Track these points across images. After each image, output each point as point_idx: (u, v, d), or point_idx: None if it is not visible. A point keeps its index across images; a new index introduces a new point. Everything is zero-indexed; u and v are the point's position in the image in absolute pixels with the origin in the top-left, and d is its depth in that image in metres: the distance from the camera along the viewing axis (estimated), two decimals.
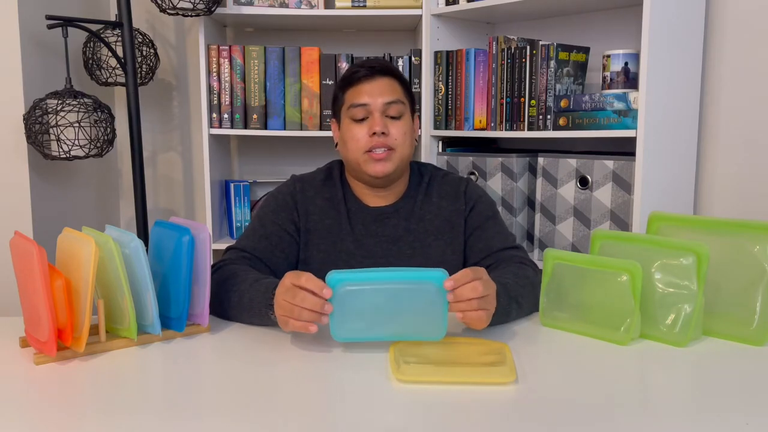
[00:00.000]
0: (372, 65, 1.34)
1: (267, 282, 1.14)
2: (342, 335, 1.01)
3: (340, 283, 0.99)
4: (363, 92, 1.32)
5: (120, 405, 0.84)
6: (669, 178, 1.75)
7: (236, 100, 2.15)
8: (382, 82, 1.33)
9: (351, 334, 1.02)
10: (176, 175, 2.50)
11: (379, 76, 1.33)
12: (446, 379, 0.91)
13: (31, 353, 1.04)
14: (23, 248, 0.99)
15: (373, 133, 1.29)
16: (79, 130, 1.75)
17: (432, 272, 0.99)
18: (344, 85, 1.36)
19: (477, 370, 0.93)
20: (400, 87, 1.35)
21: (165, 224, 1.14)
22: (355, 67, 1.35)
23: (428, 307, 0.99)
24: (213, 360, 1.01)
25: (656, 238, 1.12)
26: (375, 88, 1.32)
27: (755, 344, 1.07)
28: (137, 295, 1.06)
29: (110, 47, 1.89)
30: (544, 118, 1.85)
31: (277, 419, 0.80)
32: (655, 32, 1.63)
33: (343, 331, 1.01)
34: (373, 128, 1.29)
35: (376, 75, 1.33)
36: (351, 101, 1.33)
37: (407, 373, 0.91)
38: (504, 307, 1.13)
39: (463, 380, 0.91)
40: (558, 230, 1.86)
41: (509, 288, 1.17)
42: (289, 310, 1.00)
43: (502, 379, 0.90)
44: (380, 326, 1.01)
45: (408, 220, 1.37)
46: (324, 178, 1.41)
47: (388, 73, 1.34)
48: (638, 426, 0.78)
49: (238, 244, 1.33)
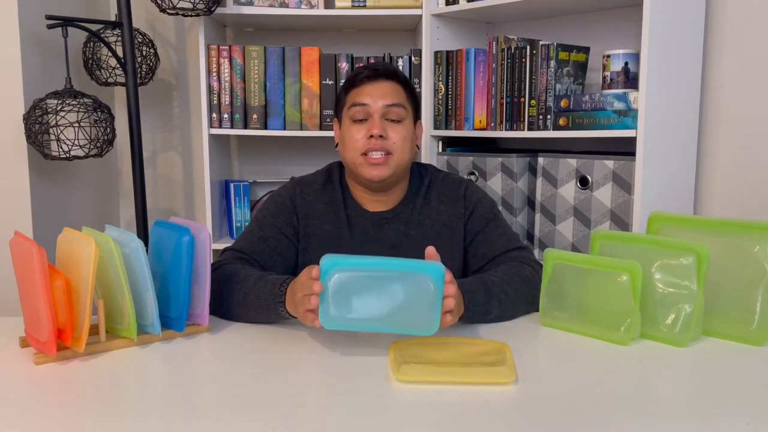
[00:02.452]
0: (376, 67, 1.33)
1: (273, 278, 1.14)
2: (330, 322, 0.97)
3: (333, 267, 0.97)
4: (364, 93, 1.31)
5: (120, 405, 0.84)
6: (669, 178, 1.75)
7: (236, 100, 2.15)
8: (385, 84, 1.32)
9: (340, 322, 0.97)
10: (176, 175, 2.50)
11: (383, 79, 1.32)
12: (446, 379, 0.91)
13: (31, 353, 1.04)
14: (23, 248, 0.99)
15: (371, 135, 1.29)
16: (79, 130, 1.75)
17: (429, 265, 0.98)
18: (347, 86, 1.36)
19: (477, 371, 0.92)
20: (404, 91, 1.34)
21: (165, 224, 1.14)
22: (359, 69, 1.35)
23: (421, 300, 0.97)
24: (213, 360, 1.01)
25: (656, 238, 1.12)
26: (377, 89, 1.31)
27: (755, 344, 1.07)
28: (137, 295, 1.06)
29: (110, 47, 1.89)
30: (544, 118, 1.85)
31: (277, 419, 0.80)
32: (655, 32, 1.63)
33: (332, 319, 0.97)
34: (371, 130, 1.29)
35: (379, 77, 1.32)
36: (352, 101, 1.32)
37: (407, 374, 0.91)
38: (481, 305, 1.14)
39: (463, 380, 0.91)
40: (558, 230, 1.86)
41: (489, 285, 1.17)
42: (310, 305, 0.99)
43: (502, 379, 0.90)
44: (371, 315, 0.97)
45: (407, 226, 1.37)
46: (324, 181, 1.40)
47: (391, 77, 1.33)
48: (638, 426, 0.78)
49: (236, 246, 1.33)
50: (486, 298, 1.15)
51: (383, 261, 0.98)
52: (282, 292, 1.10)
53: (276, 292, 1.11)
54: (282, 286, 1.11)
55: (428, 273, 0.97)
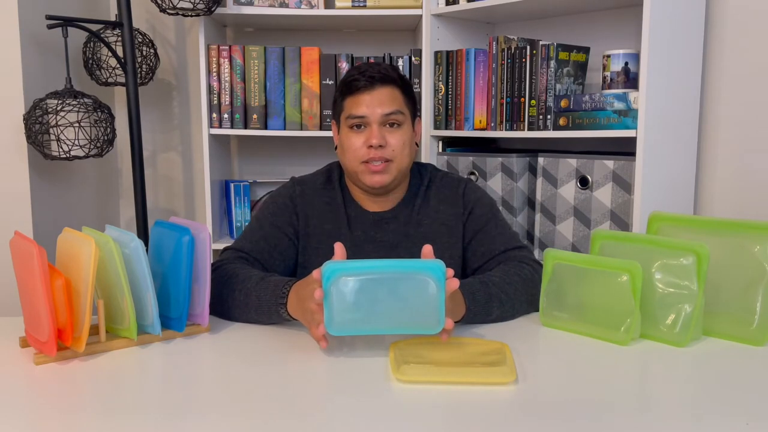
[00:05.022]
0: (372, 74, 1.30)
1: (275, 280, 1.14)
2: (337, 329, 0.98)
3: (335, 273, 0.97)
4: (361, 103, 1.29)
5: (120, 405, 0.84)
6: (669, 178, 1.75)
7: (236, 100, 2.15)
8: (382, 92, 1.30)
9: (346, 327, 0.98)
10: (176, 175, 2.50)
11: (379, 86, 1.30)
12: (446, 379, 0.91)
13: (31, 353, 1.04)
14: (23, 248, 0.99)
15: (370, 145, 1.28)
16: (79, 130, 1.75)
17: (429, 263, 0.98)
18: (344, 91, 1.33)
19: (477, 371, 0.92)
20: (401, 95, 1.32)
21: (165, 224, 1.14)
22: (355, 74, 1.31)
23: (425, 299, 0.97)
24: (213, 360, 1.01)
25: (656, 238, 1.12)
26: (374, 99, 1.29)
27: (755, 344, 1.07)
28: (137, 295, 1.06)
29: (110, 47, 1.89)
30: (544, 118, 1.85)
31: (277, 419, 0.80)
32: (655, 32, 1.63)
33: (338, 325, 0.97)
34: (370, 140, 1.28)
35: (376, 85, 1.29)
36: (349, 111, 1.31)
37: (407, 374, 0.91)
38: (482, 306, 1.14)
39: (463, 380, 0.91)
40: (558, 230, 1.86)
41: (490, 286, 1.17)
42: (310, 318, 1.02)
43: (502, 379, 0.90)
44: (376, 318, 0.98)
45: (406, 226, 1.37)
46: (324, 181, 1.40)
47: (388, 82, 1.31)
48: (638, 426, 0.78)
49: (236, 245, 1.33)
50: (486, 299, 1.15)
51: (383, 263, 0.98)
52: (284, 294, 1.10)
53: (278, 294, 1.11)
54: (284, 287, 1.11)
55: (429, 271, 0.97)
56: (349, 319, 0.97)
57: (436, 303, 0.97)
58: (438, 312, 0.98)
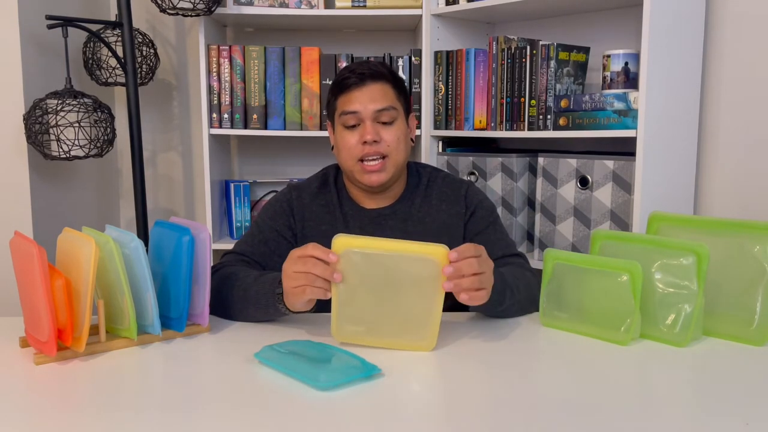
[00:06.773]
0: (362, 71, 1.31)
1: (273, 275, 1.15)
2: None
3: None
4: (354, 100, 1.30)
5: (120, 405, 0.84)
6: (669, 178, 1.75)
7: (236, 100, 2.15)
8: (373, 88, 1.31)
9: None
10: (176, 175, 2.50)
11: (370, 82, 1.30)
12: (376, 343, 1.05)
13: (31, 353, 1.04)
14: (23, 248, 0.99)
15: (365, 141, 1.29)
16: (79, 130, 1.75)
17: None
18: (336, 90, 1.34)
19: (399, 341, 1.04)
20: (393, 90, 1.33)
21: (165, 224, 1.14)
22: (346, 72, 1.33)
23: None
24: (213, 360, 1.01)
25: (656, 238, 1.12)
26: (365, 95, 1.30)
27: (755, 344, 1.07)
28: (137, 295, 1.06)
29: (110, 47, 1.89)
30: (544, 118, 1.85)
31: (277, 419, 0.80)
32: (655, 32, 1.63)
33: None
34: (365, 137, 1.28)
35: (366, 81, 1.30)
36: (342, 108, 1.32)
37: (342, 334, 1.05)
38: (498, 293, 1.13)
39: (387, 345, 1.04)
40: (558, 230, 1.86)
41: (505, 275, 1.18)
42: (303, 279, 1.02)
43: (421, 349, 1.04)
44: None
45: (406, 222, 1.37)
46: (319, 185, 1.41)
47: (379, 78, 1.31)
48: (638, 426, 0.78)
49: (236, 249, 1.35)
50: (503, 287, 1.15)
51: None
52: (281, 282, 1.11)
53: (276, 286, 1.12)
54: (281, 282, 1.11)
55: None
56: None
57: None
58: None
